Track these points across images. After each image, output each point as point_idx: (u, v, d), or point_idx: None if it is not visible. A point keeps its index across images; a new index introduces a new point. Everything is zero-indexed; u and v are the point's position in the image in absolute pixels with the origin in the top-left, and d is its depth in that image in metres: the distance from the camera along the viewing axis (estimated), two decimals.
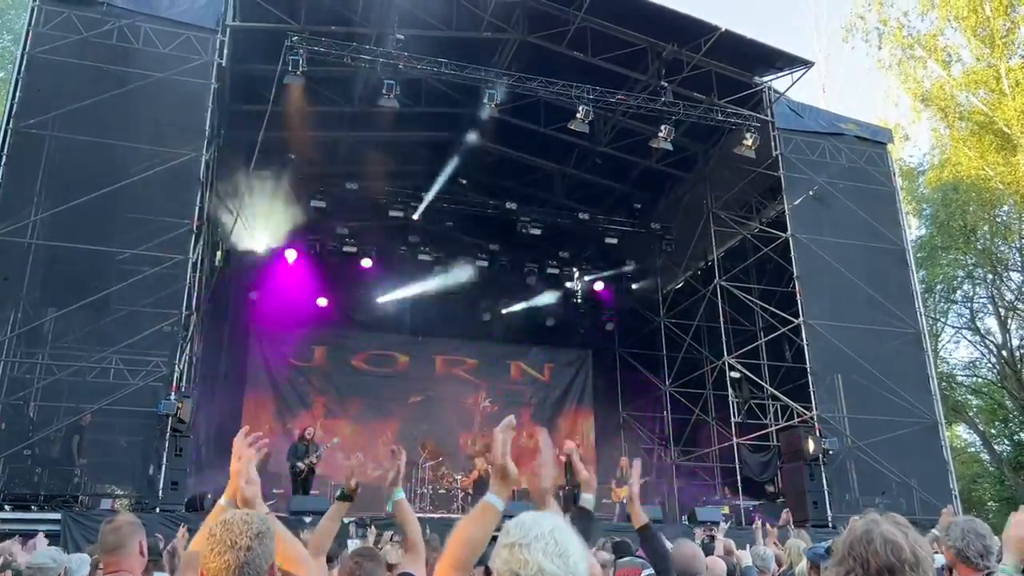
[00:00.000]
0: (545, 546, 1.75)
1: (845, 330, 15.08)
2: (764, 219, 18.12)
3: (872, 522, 2.03)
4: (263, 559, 2.16)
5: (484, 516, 2.06)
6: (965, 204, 25.29)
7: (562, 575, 1.74)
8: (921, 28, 26.42)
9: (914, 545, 1.96)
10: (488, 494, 2.09)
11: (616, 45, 15.66)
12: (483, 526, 2.05)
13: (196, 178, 12.71)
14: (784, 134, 16.46)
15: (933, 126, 27.49)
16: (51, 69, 12.38)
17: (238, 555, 2.12)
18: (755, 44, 15.82)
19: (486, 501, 2.07)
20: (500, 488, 2.11)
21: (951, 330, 29.28)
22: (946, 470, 15.10)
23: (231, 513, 2.27)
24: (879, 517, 2.05)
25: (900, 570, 1.92)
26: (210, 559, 2.14)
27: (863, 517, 2.09)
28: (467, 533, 2.04)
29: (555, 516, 1.88)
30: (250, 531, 2.16)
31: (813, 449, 14.40)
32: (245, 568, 2.12)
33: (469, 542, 2.03)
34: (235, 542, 2.13)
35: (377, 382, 19.74)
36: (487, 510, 2.06)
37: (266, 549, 2.18)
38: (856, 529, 2.04)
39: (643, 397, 21.35)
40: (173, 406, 11.35)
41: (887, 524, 2.01)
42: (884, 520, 2.03)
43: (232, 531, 2.15)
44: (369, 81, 15.54)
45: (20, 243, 11.60)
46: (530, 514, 1.86)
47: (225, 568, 2.11)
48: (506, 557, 1.77)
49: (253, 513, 2.27)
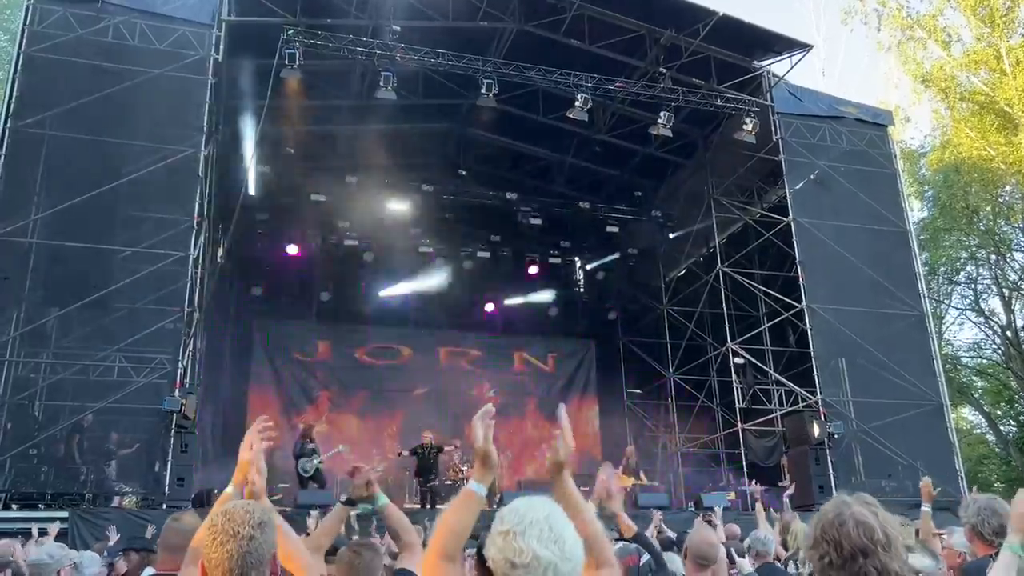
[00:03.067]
0: (540, 533, 1.74)
1: (848, 314, 15.04)
2: (765, 204, 18.07)
3: (842, 503, 2.03)
4: (265, 548, 2.15)
5: (467, 503, 2.05)
6: (967, 185, 25.20)
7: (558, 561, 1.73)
8: (920, 9, 26.37)
9: (885, 525, 1.97)
10: (471, 481, 2.08)
11: (613, 32, 15.58)
12: (466, 513, 2.04)
13: (195, 174, 12.70)
14: (784, 118, 16.38)
15: (934, 107, 27.38)
16: (48, 68, 12.36)
17: (240, 544, 2.11)
18: (753, 28, 15.74)
19: (468, 488, 2.06)
20: (482, 475, 2.10)
21: (955, 312, 29.29)
22: (952, 452, 15.11)
23: (232, 503, 2.26)
24: (849, 498, 2.05)
25: (872, 551, 1.93)
26: (212, 548, 2.12)
27: (832, 499, 2.08)
28: (451, 521, 2.03)
29: (549, 502, 1.87)
30: (252, 520, 2.15)
31: (818, 433, 14.40)
32: (247, 558, 2.11)
33: (453, 530, 2.02)
34: (237, 531, 2.12)
35: (381, 375, 19.74)
36: (469, 497, 2.05)
37: (268, 539, 2.17)
38: (827, 512, 2.03)
39: (647, 385, 21.35)
40: (177, 403, 11.37)
41: (857, 505, 2.00)
42: (854, 501, 2.03)
43: (234, 520, 2.14)
44: (366, 73, 15.48)
45: (21, 243, 11.60)
46: (524, 500, 1.85)
47: (227, 558, 2.10)
48: (501, 545, 1.76)
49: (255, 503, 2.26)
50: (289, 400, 19.02)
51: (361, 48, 14.38)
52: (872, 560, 1.92)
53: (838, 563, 1.94)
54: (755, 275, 18.01)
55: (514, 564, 1.73)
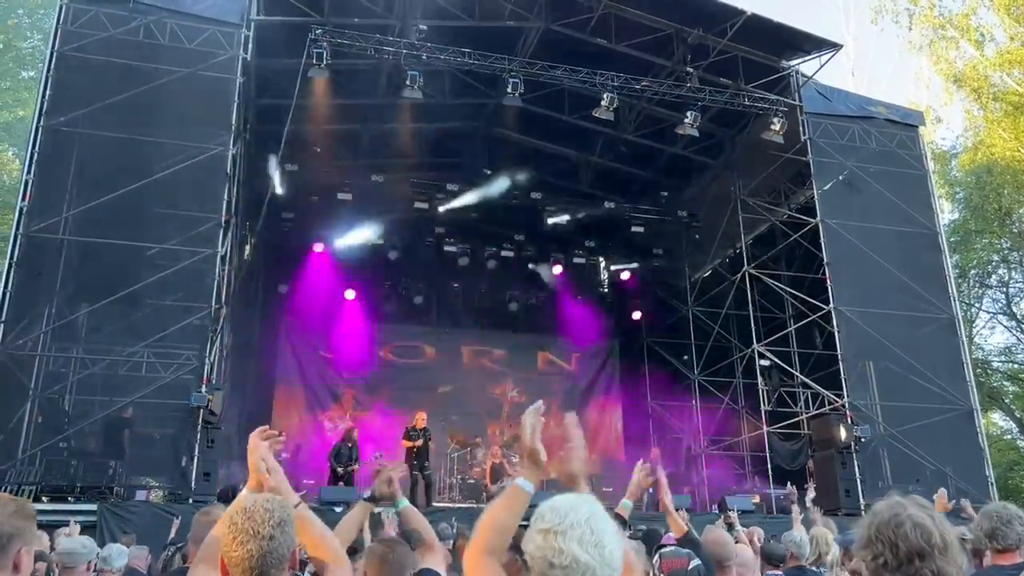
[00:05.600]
0: (581, 535, 1.72)
1: (877, 316, 14.85)
2: (793, 205, 17.88)
3: (898, 505, 1.99)
4: (285, 547, 2.17)
5: (514, 500, 2.03)
6: (1000, 187, 24.77)
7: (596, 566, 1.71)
8: (953, 8, 25.97)
9: (942, 529, 1.94)
10: (518, 478, 2.06)
11: (640, 31, 15.50)
12: (513, 510, 2.02)
13: (224, 172, 12.81)
14: (812, 118, 16.21)
15: (966, 108, 26.94)
16: (80, 67, 12.52)
17: (260, 544, 2.12)
18: (782, 27, 15.58)
19: (516, 485, 2.04)
20: (530, 472, 2.08)
21: (986, 315, 28.80)
22: (982, 457, 14.86)
23: (251, 500, 2.26)
24: (904, 500, 2.01)
25: (930, 554, 1.89)
26: (232, 548, 2.14)
27: (886, 500, 2.05)
28: (497, 517, 2.02)
29: (592, 502, 1.84)
30: (272, 519, 2.16)
31: (845, 437, 14.22)
32: (268, 557, 2.12)
33: (499, 526, 2.00)
34: (257, 531, 2.13)
35: (405, 373, 19.82)
36: (517, 494, 2.03)
37: (288, 537, 2.18)
38: (882, 512, 1.99)
39: (671, 386, 21.20)
40: (204, 398, 11.48)
41: (913, 507, 1.97)
42: (910, 503, 1.99)
43: (254, 520, 2.15)
44: (393, 72, 15.54)
45: (53, 239, 11.78)
46: (566, 498, 1.82)
47: (248, 557, 2.11)
48: (540, 543, 1.73)
49: (274, 499, 2.26)
50: (314, 397, 19.17)
51: (388, 48, 14.43)
52: (928, 563, 1.89)
53: (893, 564, 1.91)
54: (782, 276, 17.85)
55: (552, 564, 1.71)
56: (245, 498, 2.41)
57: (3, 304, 11.32)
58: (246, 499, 2.32)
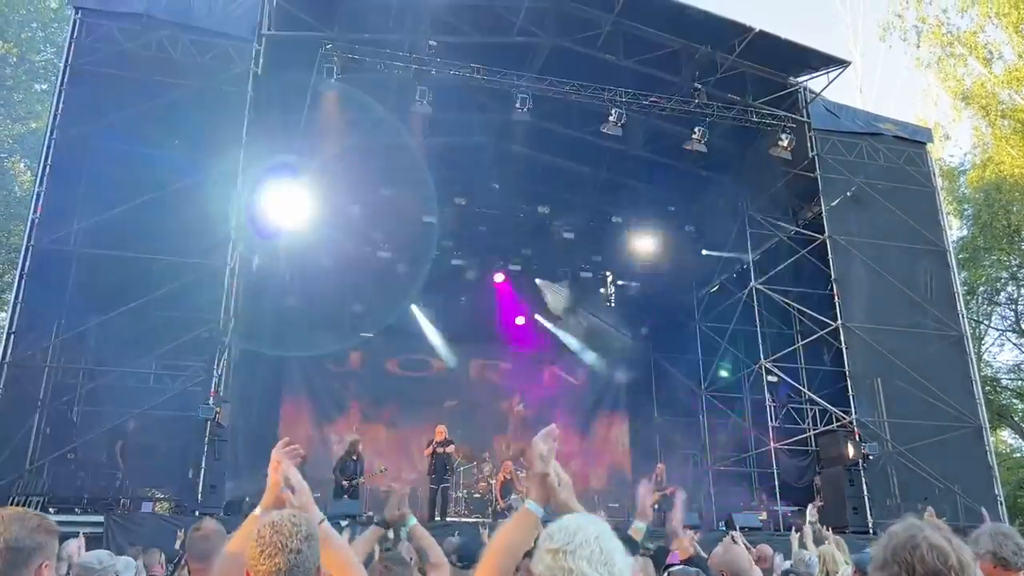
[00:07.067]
0: (590, 554, 1.72)
1: (885, 333, 14.82)
2: (801, 221, 17.86)
3: (914, 527, 1.99)
4: (311, 562, 2.19)
5: (523, 523, 2.04)
6: (1008, 204, 24.73)
7: None
8: (961, 25, 25.96)
9: (959, 551, 1.93)
10: (527, 500, 2.06)
11: (649, 47, 15.56)
12: (522, 533, 2.03)
13: (233, 186, 12.88)
14: (820, 135, 16.24)
15: (974, 125, 26.96)
16: (93, 80, 12.64)
17: (288, 558, 2.14)
18: (790, 44, 15.63)
19: (526, 507, 2.05)
20: (539, 495, 2.08)
21: (995, 332, 28.68)
22: (991, 475, 14.78)
23: (277, 515, 2.28)
24: (920, 522, 2.02)
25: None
26: (259, 562, 2.15)
27: (903, 522, 2.06)
28: (506, 540, 2.02)
29: (600, 521, 1.85)
30: (299, 533, 2.19)
31: (852, 454, 14.18)
32: (295, 571, 2.15)
33: (508, 548, 2.01)
34: (285, 544, 2.16)
35: (412, 387, 19.80)
36: (526, 517, 2.03)
37: (314, 552, 2.21)
38: (899, 534, 1.99)
39: (678, 402, 21.14)
40: (212, 411, 11.51)
41: (930, 530, 1.97)
42: (926, 525, 2.00)
43: (282, 533, 2.18)
44: (402, 87, 15.62)
45: (64, 251, 11.85)
46: (574, 518, 1.83)
47: (275, 571, 2.14)
48: (549, 563, 1.74)
49: (300, 515, 2.29)
50: (321, 410, 19.16)
51: (398, 63, 14.52)
52: None
53: None
54: (789, 292, 17.81)
55: None
56: (263, 515, 2.41)
57: (13, 315, 11.39)
58: (272, 514, 2.32)
